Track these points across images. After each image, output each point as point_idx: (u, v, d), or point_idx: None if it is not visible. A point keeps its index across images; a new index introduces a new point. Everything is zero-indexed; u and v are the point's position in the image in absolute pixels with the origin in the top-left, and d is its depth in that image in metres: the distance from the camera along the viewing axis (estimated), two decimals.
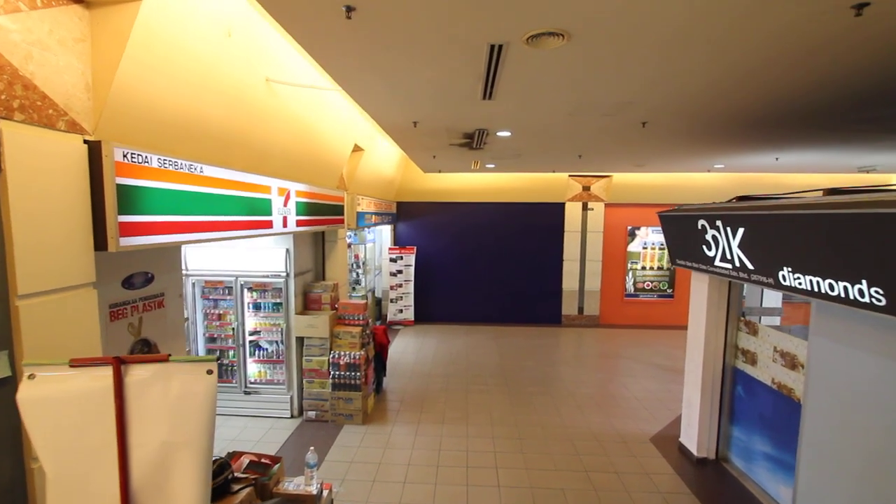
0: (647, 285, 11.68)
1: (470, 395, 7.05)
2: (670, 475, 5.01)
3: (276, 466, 3.37)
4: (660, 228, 11.40)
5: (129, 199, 2.49)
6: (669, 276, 11.60)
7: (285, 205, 4.55)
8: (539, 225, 11.62)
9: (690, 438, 5.36)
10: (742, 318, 5.05)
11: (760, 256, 3.79)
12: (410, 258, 11.27)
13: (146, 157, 2.60)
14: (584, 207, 11.54)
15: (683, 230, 5.00)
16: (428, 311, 11.76)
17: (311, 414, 6.12)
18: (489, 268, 11.73)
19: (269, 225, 4.17)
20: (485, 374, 7.99)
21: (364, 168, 7.69)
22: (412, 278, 11.29)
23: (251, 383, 6.29)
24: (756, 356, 4.77)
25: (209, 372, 1.85)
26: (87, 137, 2.34)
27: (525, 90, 3.90)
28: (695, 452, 5.24)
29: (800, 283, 3.37)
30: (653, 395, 7.23)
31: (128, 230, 2.49)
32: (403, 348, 9.49)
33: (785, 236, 3.41)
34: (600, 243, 11.56)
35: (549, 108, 4.43)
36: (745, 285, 5.08)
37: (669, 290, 11.64)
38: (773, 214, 3.47)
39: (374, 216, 8.75)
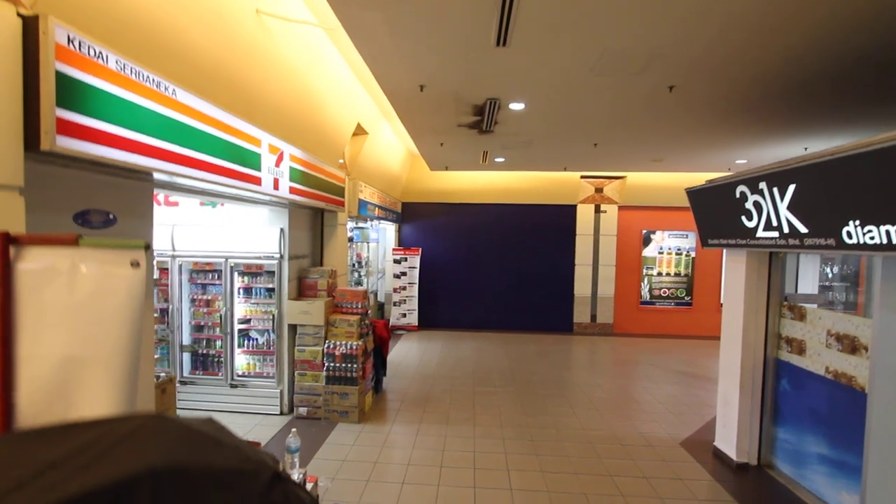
0: (664, 292, 11.08)
1: (477, 397, 6.46)
2: (707, 481, 4.37)
3: None
4: (677, 232, 10.95)
5: (75, 94, 2.07)
6: (687, 283, 11.00)
7: (277, 165, 4.13)
8: (549, 228, 11.14)
9: (728, 442, 4.72)
10: (785, 303, 4.49)
11: (818, 214, 3.28)
12: (415, 260, 10.79)
13: (101, 52, 2.19)
14: (597, 210, 11.07)
15: (718, 202, 4.51)
16: (432, 316, 11.20)
17: (303, 410, 5.56)
18: (497, 272, 11.21)
19: (257, 181, 3.74)
20: (493, 377, 7.39)
21: (368, 155, 7.32)
22: (416, 281, 10.78)
23: (238, 376, 5.76)
24: (804, 344, 4.20)
25: (135, 264, 1.36)
26: (23, 11, 1.93)
27: (544, 33, 3.50)
28: (734, 457, 4.61)
29: (872, 238, 2.86)
30: (678, 400, 6.59)
31: (71, 130, 2.05)
32: (406, 352, 8.92)
33: (854, 182, 2.91)
34: (614, 247, 11.04)
35: (569, 61, 4.02)
36: (787, 265, 4.54)
37: (687, 298, 11.02)
38: (839, 158, 2.98)
39: (377, 209, 8.34)
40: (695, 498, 4.07)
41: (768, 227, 3.83)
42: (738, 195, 4.12)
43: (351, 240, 8.33)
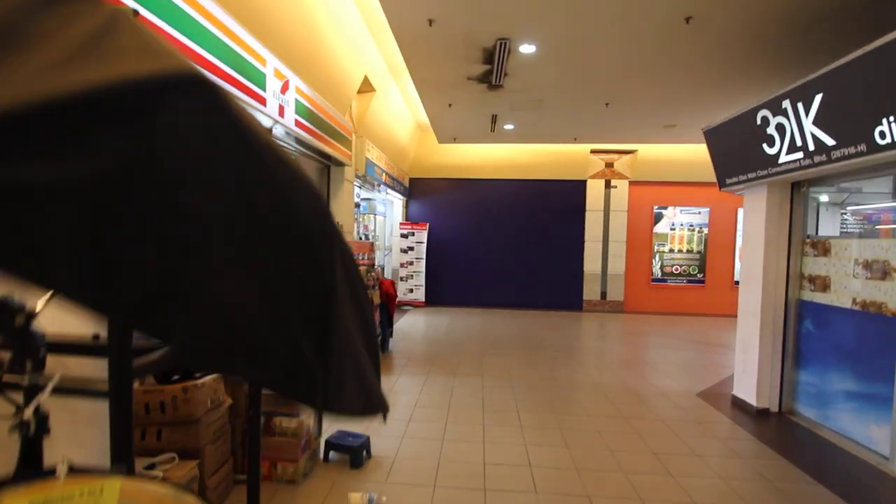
0: (676, 269, 10.86)
1: (485, 357, 6.31)
2: (727, 423, 4.19)
3: None
4: (690, 208, 10.74)
5: None
6: (700, 260, 10.77)
7: (283, 92, 4.04)
8: (559, 204, 10.98)
9: (747, 389, 4.54)
10: (808, 239, 4.31)
11: (846, 121, 3.12)
12: (422, 235, 10.68)
13: None
14: (607, 185, 10.89)
15: (737, 134, 4.35)
16: (439, 293, 11.07)
17: None
18: (505, 249, 11.05)
19: (261, 101, 3.64)
20: (501, 343, 7.24)
21: (375, 116, 7.23)
22: (424, 256, 10.66)
23: None
24: (829, 280, 4.02)
25: None
26: None
27: None
28: (754, 403, 4.42)
29: None
30: (693, 362, 6.40)
31: None
32: (412, 324, 8.80)
33: (889, 74, 2.75)
34: (624, 223, 10.85)
35: None
36: (808, 201, 4.36)
37: (700, 275, 10.79)
38: (872, 51, 2.82)
39: (385, 174, 8.24)
40: (713, 436, 3.90)
41: (792, 148, 3.66)
42: (759, 121, 3.96)
43: (357, 206, 8.23)
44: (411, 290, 10.69)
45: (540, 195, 10.99)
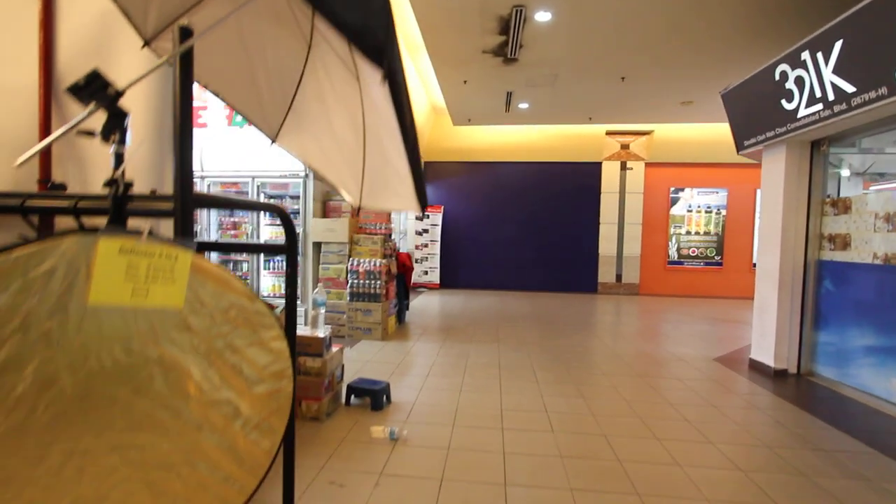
0: (693, 252, 10.75)
1: (500, 328, 6.37)
2: (744, 382, 4.19)
3: (278, 309, 2.85)
4: (707, 190, 10.62)
5: None
6: (718, 242, 10.64)
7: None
8: (573, 186, 10.95)
9: (765, 351, 4.52)
10: (828, 199, 4.27)
11: (867, 66, 3.10)
12: (437, 217, 10.76)
13: None
14: (623, 167, 10.82)
15: (755, 93, 4.33)
16: (454, 275, 11.15)
17: (326, 328, 5.57)
18: (519, 231, 11.08)
19: None
20: (516, 318, 7.29)
21: None
22: (438, 239, 10.75)
23: (264, 297, 5.82)
24: (849, 237, 3.98)
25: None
26: None
27: None
28: (772, 364, 4.40)
29: None
30: (710, 334, 6.37)
31: None
32: (428, 302, 8.90)
33: None
34: (640, 205, 10.77)
35: None
36: (828, 160, 4.31)
37: (718, 258, 10.66)
38: None
39: None
40: (730, 391, 3.91)
41: (811, 101, 3.64)
42: (777, 77, 3.93)
43: None
44: (426, 273, 10.79)
45: (555, 178, 10.98)
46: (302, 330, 3.20)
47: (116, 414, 0.74)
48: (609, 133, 10.65)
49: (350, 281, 5.49)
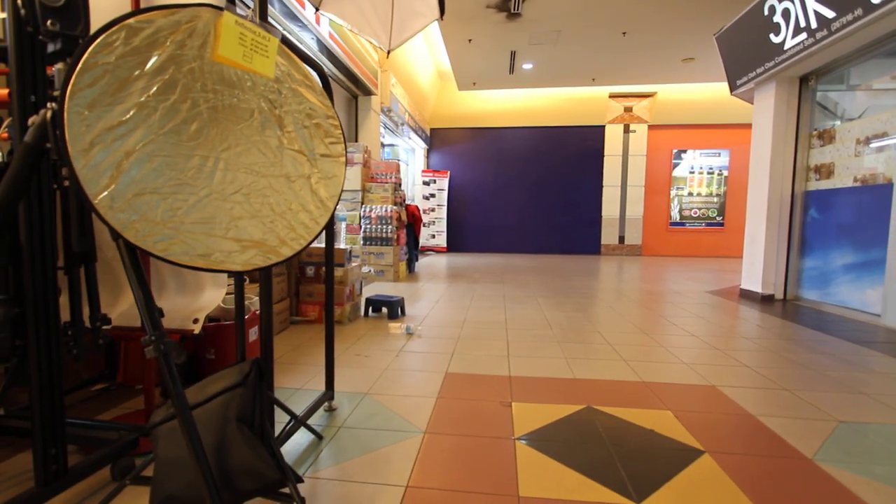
0: (695, 213, 10.97)
1: (505, 275, 6.71)
2: (733, 304, 4.51)
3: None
4: (709, 151, 10.78)
5: None
6: (719, 203, 10.85)
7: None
8: (577, 150, 11.15)
9: (754, 279, 4.82)
10: (814, 132, 4.51)
11: None
12: (444, 182, 11.05)
13: None
14: (626, 130, 10.99)
15: (746, 32, 4.54)
16: (461, 240, 11.48)
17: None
18: (524, 196, 11.34)
19: (301, 3, 4.02)
20: (521, 270, 7.63)
21: (398, 52, 7.54)
22: (445, 203, 11.05)
23: None
24: (833, 166, 4.24)
25: None
26: None
27: None
28: (759, 290, 4.71)
29: None
30: (704, 278, 6.67)
31: None
32: (435, 261, 9.25)
33: None
34: (643, 167, 10.97)
35: None
36: (815, 97, 4.54)
37: (719, 218, 10.88)
38: None
39: (407, 114, 8.58)
40: (720, 310, 4.22)
41: (797, 31, 3.86)
42: (766, 12, 4.14)
43: (381, 146, 8.63)
44: (433, 237, 11.12)
45: (558, 142, 11.18)
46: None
47: (233, 138, 1.07)
48: (612, 96, 10.79)
49: (363, 226, 5.83)
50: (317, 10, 1.82)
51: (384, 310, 3.81)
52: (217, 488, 0.91)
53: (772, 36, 4.15)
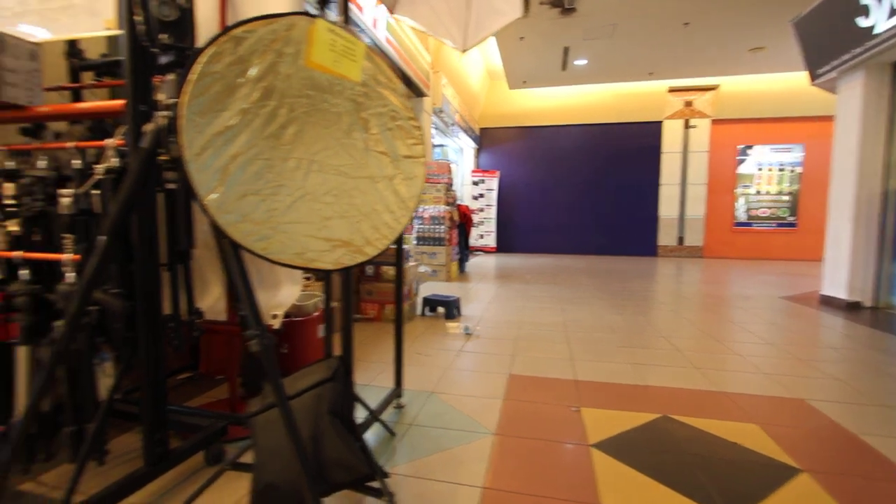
0: (763, 212, 10.25)
1: (558, 276, 6.57)
2: (812, 312, 4.17)
3: None
4: (780, 146, 10.04)
5: None
6: (791, 202, 10.08)
7: (378, 3, 4.50)
8: (632, 147, 10.73)
9: (837, 285, 4.43)
10: None
11: None
12: (493, 182, 10.98)
13: None
14: (686, 125, 10.45)
15: (829, 15, 4.18)
16: (510, 240, 11.37)
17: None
18: (576, 195, 11.06)
19: (359, 7, 4.12)
20: (573, 271, 7.44)
21: (449, 53, 7.58)
22: (494, 203, 10.98)
23: None
24: None
25: None
26: None
27: None
28: (844, 297, 4.32)
29: None
30: (778, 283, 6.21)
31: None
32: (484, 262, 9.21)
33: None
34: (705, 165, 10.38)
35: None
36: None
37: (791, 218, 10.11)
38: None
39: (458, 114, 8.60)
40: (797, 316, 3.92)
41: (891, 13, 3.51)
42: None
43: (431, 146, 8.69)
44: (482, 237, 11.08)
45: (611, 139, 10.81)
46: None
47: (324, 141, 1.10)
48: (672, 90, 10.30)
49: (416, 226, 5.90)
50: (391, 13, 1.85)
51: (440, 309, 3.83)
52: (316, 479, 0.94)
53: (860, 20, 3.79)
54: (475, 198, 11.01)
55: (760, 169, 10.21)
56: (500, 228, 11.24)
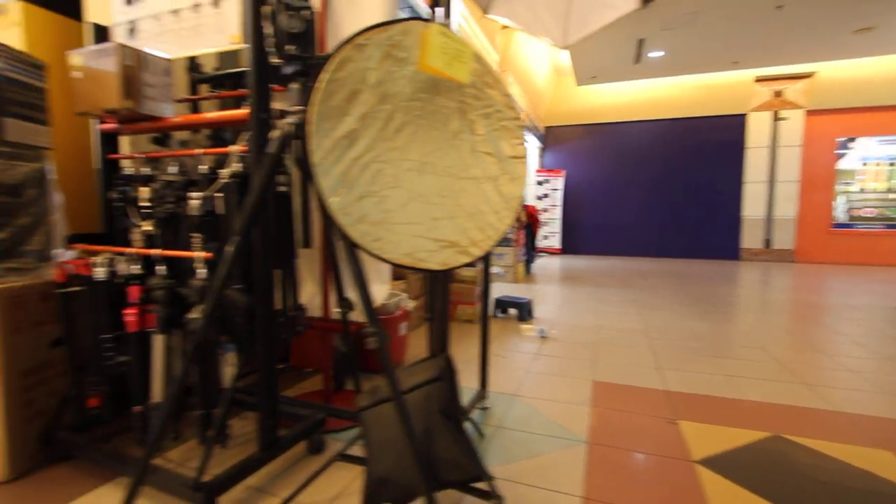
0: (868, 212, 9.16)
1: (631, 279, 6.28)
2: None
3: None
4: (888, 138, 8.94)
5: None
6: None
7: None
8: (710, 142, 10.01)
9: None
10: None
11: None
12: (558, 182, 10.71)
13: None
14: (776, 117, 9.58)
15: None
16: (576, 241, 11.03)
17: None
18: (647, 194, 10.51)
19: None
20: (647, 273, 7.07)
21: (516, 52, 7.49)
22: (559, 204, 10.72)
23: None
24: None
25: None
26: None
27: None
28: None
29: None
30: (892, 292, 5.52)
31: None
32: (550, 263, 9.01)
33: None
34: (797, 160, 9.45)
35: None
36: None
37: None
38: None
39: (523, 113, 8.49)
40: None
41: None
42: None
43: None
44: (546, 238, 10.85)
45: (687, 134, 10.15)
46: None
47: (435, 142, 1.12)
48: (759, 80, 9.48)
49: None
50: (485, 13, 1.86)
51: (511, 311, 3.79)
52: (427, 475, 0.95)
53: None
54: (539, 198, 10.81)
55: (865, 164, 9.14)
56: (566, 229, 10.94)
